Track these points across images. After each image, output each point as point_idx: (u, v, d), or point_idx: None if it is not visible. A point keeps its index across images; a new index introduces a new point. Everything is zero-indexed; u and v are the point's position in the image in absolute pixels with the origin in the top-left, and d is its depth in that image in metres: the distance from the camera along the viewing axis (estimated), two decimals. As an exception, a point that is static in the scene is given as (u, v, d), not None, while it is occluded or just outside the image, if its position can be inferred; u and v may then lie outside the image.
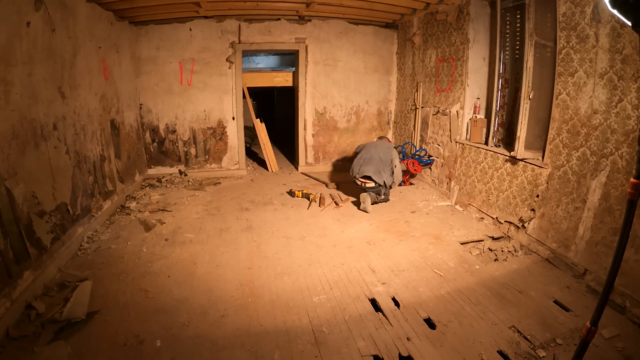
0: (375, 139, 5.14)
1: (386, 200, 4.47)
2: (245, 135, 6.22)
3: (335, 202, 4.70)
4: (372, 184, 4.28)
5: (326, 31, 5.84)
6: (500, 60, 4.00)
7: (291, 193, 4.94)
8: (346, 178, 5.88)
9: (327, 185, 5.01)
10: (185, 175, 5.85)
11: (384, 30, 6.08)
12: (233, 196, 4.98)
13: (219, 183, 5.61)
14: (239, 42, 5.62)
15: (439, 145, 5.04)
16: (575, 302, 2.60)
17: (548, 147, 3.23)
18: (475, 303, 2.60)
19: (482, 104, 4.43)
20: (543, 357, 2.10)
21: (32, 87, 2.79)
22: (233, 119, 5.88)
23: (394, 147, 4.82)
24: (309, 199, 4.75)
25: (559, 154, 3.13)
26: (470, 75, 4.35)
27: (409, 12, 5.15)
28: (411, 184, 5.55)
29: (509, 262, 3.19)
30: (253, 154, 7.54)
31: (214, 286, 2.82)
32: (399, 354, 2.13)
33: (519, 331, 2.32)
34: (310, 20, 5.74)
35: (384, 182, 4.28)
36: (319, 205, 4.55)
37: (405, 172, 5.50)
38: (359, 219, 4.16)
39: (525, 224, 3.48)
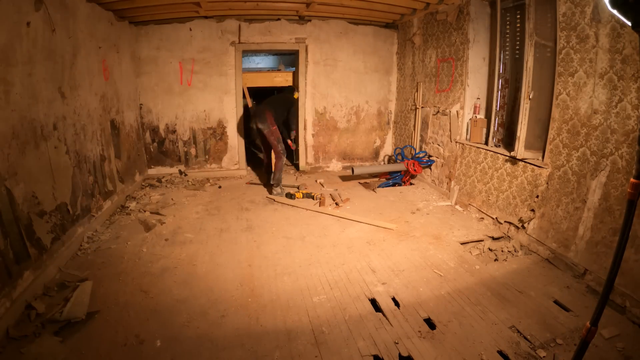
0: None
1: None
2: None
3: (335, 202, 4.70)
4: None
5: (326, 31, 5.84)
6: (500, 60, 4.00)
7: (290, 196, 4.81)
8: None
9: (298, 188, 5.08)
10: (185, 175, 5.85)
11: (384, 31, 6.08)
12: (233, 196, 4.98)
13: (216, 184, 5.61)
14: (239, 42, 5.62)
15: (439, 145, 5.04)
16: (575, 302, 2.61)
17: (548, 147, 3.23)
18: (475, 303, 2.60)
19: (482, 104, 4.43)
20: (543, 357, 2.10)
21: (32, 87, 2.79)
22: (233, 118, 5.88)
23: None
24: (313, 199, 4.75)
25: (559, 154, 3.13)
26: (470, 75, 4.35)
27: (409, 12, 5.15)
28: (411, 184, 5.55)
29: (509, 262, 3.19)
30: (253, 154, 7.54)
31: (214, 286, 2.82)
32: (399, 354, 2.13)
33: (519, 331, 2.32)
34: (310, 21, 5.74)
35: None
36: (319, 205, 4.55)
37: (406, 173, 5.51)
38: (359, 218, 4.16)
39: (525, 224, 3.48)
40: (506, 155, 3.75)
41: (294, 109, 5.28)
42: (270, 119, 4.75)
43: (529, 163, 3.46)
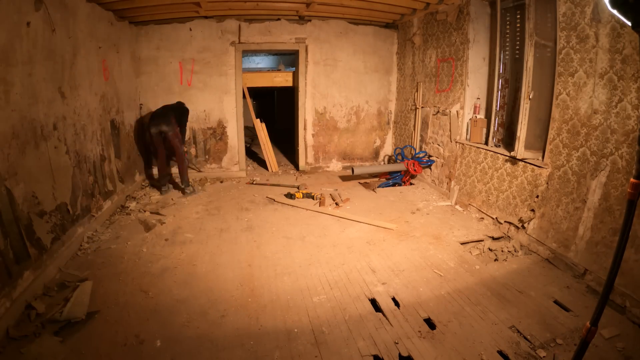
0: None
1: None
2: (245, 135, 6.22)
3: (335, 202, 4.70)
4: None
5: (326, 31, 5.85)
6: (500, 60, 4.00)
7: (290, 196, 4.82)
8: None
9: (298, 188, 5.09)
10: (185, 175, 5.85)
11: (384, 31, 6.08)
12: (233, 196, 4.98)
13: (215, 184, 5.61)
14: (239, 42, 5.62)
15: (439, 145, 5.04)
16: (575, 302, 2.61)
17: (548, 147, 3.23)
18: (475, 303, 2.60)
19: (482, 104, 4.43)
20: (543, 357, 2.10)
21: (32, 87, 2.79)
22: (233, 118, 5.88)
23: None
24: (313, 199, 4.74)
25: (559, 154, 3.13)
26: (470, 75, 4.35)
27: (409, 12, 5.15)
28: (411, 184, 5.55)
29: (509, 262, 3.19)
30: (253, 154, 7.55)
31: (213, 286, 2.82)
32: (399, 354, 2.13)
33: (519, 331, 2.32)
34: (310, 20, 5.74)
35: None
36: (319, 205, 4.55)
37: (406, 173, 5.51)
38: (359, 218, 4.16)
39: (525, 224, 3.48)
40: (506, 155, 3.75)
41: (185, 119, 5.24)
42: (174, 121, 4.79)
43: (529, 163, 3.46)
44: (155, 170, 5.74)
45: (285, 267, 3.10)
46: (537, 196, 3.36)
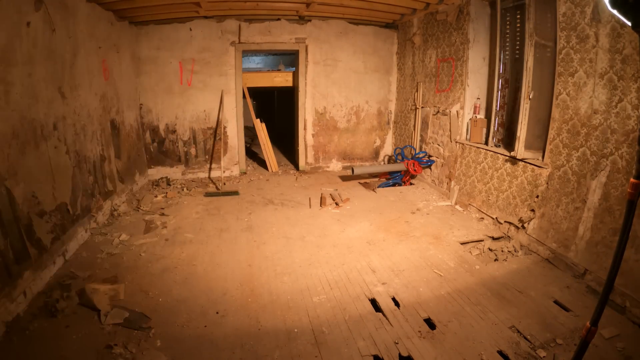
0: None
1: None
2: (245, 135, 6.22)
3: (335, 202, 4.70)
4: None
5: (326, 31, 5.84)
6: (500, 60, 4.00)
7: None
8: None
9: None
10: (186, 175, 5.84)
11: (384, 31, 6.08)
12: (233, 196, 4.98)
13: (216, 184, 5.61)
14: (239, 42, 5.62)
15: (439, 145, 5.04)
16: (575, 302, 2.61)
17: (548, 147, 3.23)
18: (475, 303, 2.60)
19: (482, 104, 4.43)
20: (543, 357, 2.10)
21: (32, 87, 2.79)
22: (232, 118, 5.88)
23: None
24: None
25: (559, 154, 3.13)
26: (470, 75, 4.35)
27: (409, 12, 5.15)
28: (411, 184, 5.55)
29: (509, 262, 3.19)
30: (253, 154, 7.54)
31: (213, 286, 2.82)
32: (399, 354, 2.13)
33: (519, 331, 2.32)
34: (310, 20, 5.74)
35: None
36: (319, 205, 4.55)
37: (406, 173, 5.51)
38: (359, 219, 4.16)
39: (525, 224, 3.48)
40: (506, 155, 3.74)
41: None
42: None
43: (529, 163, 3.46)
44: (154, 171, 5.76)
45: (285, 267, 3.10)
46: (537, 196, 3.36)
